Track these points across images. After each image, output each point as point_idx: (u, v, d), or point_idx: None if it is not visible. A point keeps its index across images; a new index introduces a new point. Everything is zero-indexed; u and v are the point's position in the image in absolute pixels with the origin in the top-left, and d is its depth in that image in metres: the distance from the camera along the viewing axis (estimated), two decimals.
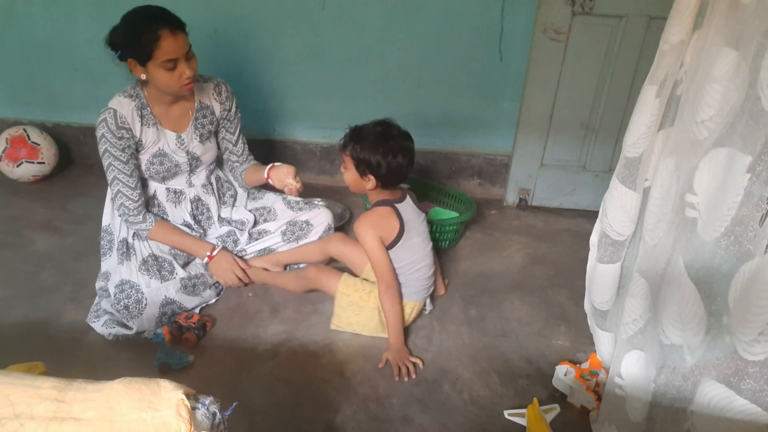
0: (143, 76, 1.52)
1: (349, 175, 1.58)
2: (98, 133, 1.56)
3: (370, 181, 1.55)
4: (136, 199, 1.64)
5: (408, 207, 1.62)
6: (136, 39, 1.45)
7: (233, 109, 1.81)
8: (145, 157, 1.67)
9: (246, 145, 1.91)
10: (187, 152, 1.74)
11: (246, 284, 1.79)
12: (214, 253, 1.73)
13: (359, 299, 1.63)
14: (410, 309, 1.64)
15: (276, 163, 1.78)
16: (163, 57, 1.46)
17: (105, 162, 1.59)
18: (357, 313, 1.63)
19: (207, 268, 1.75)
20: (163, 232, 1.70)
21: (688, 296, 0.94)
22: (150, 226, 1.67)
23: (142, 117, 1.61)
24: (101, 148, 1.57)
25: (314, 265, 1.76)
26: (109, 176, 1.61)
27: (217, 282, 1.76)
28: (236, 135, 1.86)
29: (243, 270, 1.77)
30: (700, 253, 0.93)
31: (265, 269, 1.83)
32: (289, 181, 1.69)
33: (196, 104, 1.72)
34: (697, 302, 0.93)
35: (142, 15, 1.47)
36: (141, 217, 1.66)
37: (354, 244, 1.76)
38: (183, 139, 1.71)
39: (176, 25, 1.48)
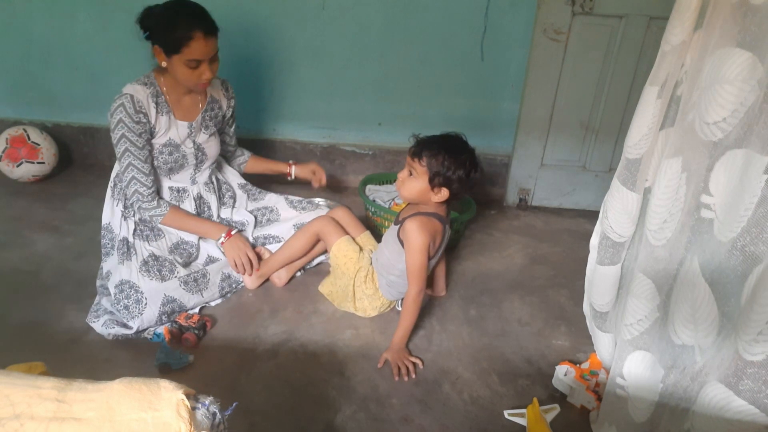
0: (164, 64, 1.57)
1: (416, 183, 1.48)
2: (114, 119, 1.56)
3: (440, 194, 1.48)
4: (150, 185, 1.66)
5: (447, 229, 1.63)
6: (169, 31, 1.49)
7: (234, 107, 1.91)
8: (155, 147, 1.69)
9: (236, 137, 2.03)
10: (194, 142, 1.76)
11: (249, 273, 1.78)
12: (233, 233, 1.75)
13: (343, 264, 1.68)
14: (387, 303, 1.70)
15: (291, 162, 2.06)
16: (190, 56, 1.51)
17: (120, 148, 1.60)
18: (338, 278, 1.70)
19: (207, 264, 1.75)
20: (177, 217, 1.72)
21: (702, 297, 0.94)
22: (164, 212, 1.69)
23: (157, 104, 1.63)
24: (117, 134, 1.58)
25: (327, 216, 1.79)
26: (124, 162, 1.61)
27: (222, 282, 1.75)
28: (232, 128, 1.97)
29: (252, 258, 1.76)
30: (716, 255, 0.92)
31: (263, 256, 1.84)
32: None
33: (207, 97, 1.77)
34: (711, 303, 0.93)
35: (184, 9, 1.51)
36: (155, 202, 1.68)
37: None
38: (193, 127, 1.74)
39: (212, 29, 1.53)
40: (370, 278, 1.67)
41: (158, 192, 1.74)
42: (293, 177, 2.06)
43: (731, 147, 0.92)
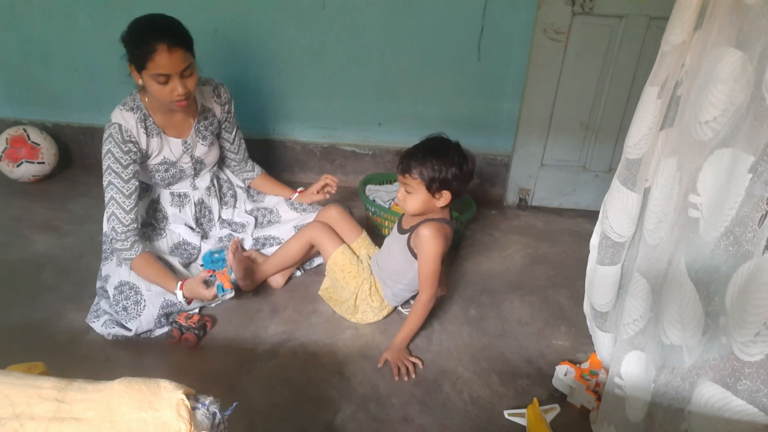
0: (140, 82, 1.52)
1: (417, 197, 1.46)
2: (104, 149, 1.54)
3: (443, 197, 1.46)
4: (128, 223, 1.56)
5: (452, 231, 1.62)
6: (135, 46, 1.45)
7: (232, 111, 1.85)
8: (151, 166, 1.67)
9: (244, 144, 1.95)
10: (192, 156, 1.75)
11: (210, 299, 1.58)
12: (185, 282, 1.54)
13: (342, 279, 1.68)
14: (390, 309, 1.70)
15: (300, 189, 2.00)
16: (155, 71, 1.44)
17: (105, 180, 1.55)
18: (338, 290, 1.71)
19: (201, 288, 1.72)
20: (143, 265, 1.57)
21: (689, 297, 0.94)
22: (134, 256, 1.56)
23: (146, 128, 1.60)
24: (104, 164, 1.54)
25: (320, 221, 1.77)
26: (107, 195, 1.56)
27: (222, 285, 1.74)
28: (233, 134, 1.89)
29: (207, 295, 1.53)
30: (701, 254, 0.93)
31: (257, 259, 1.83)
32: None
33: (198, 107, 1.73)
34: (696, 303, 0.93)
35: (145, 24, 1.46)
36: (128, 243, 1.56)
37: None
38: (188, 143, 1.72)
39: (176, 41, 1.44)
40: (375, 291, 1.66)
41: (136, 232, 1.59)
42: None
43: (719, 146, 0.92)
